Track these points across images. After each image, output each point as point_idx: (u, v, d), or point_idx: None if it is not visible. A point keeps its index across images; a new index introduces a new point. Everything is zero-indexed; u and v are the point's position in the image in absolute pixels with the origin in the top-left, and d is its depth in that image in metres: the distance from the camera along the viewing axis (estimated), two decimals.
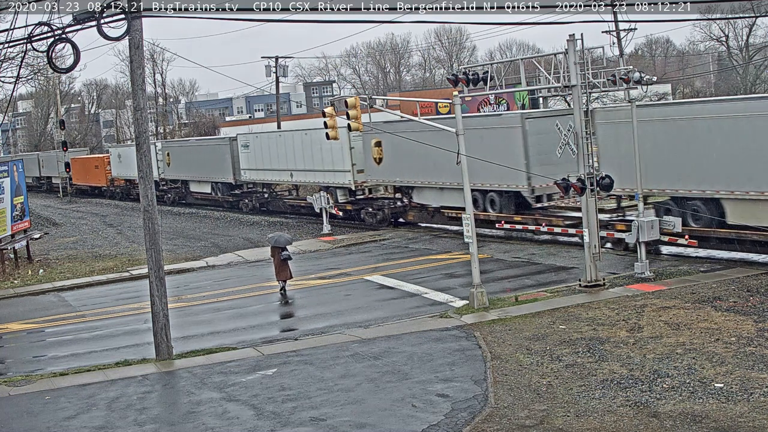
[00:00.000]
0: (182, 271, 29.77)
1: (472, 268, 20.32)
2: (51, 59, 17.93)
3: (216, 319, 21.95)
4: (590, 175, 20.88)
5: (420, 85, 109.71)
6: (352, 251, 31.09)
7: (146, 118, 18.40)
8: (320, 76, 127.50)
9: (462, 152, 20.63)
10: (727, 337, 15.81)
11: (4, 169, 32.76)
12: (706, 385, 13.48)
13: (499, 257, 26.81)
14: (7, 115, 79.33)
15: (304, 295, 24.11)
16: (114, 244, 37.72)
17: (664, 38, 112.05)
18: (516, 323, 18.32)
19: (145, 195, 18.19)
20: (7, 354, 20.50)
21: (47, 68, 33.87)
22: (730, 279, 20.60)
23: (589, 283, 20.93)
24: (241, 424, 13.48)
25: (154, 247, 18.16)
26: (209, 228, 41.43)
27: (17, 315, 24.74)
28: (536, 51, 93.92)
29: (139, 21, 17.47)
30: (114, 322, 22.71)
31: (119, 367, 17.74)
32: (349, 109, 21.62)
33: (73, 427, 14.08)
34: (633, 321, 17.49)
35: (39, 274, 30.80)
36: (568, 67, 20.85)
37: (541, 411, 13.01)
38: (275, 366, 16.60)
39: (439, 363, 15.85)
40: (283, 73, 61.31)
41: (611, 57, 47.93)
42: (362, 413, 13.47)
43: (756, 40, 77.37)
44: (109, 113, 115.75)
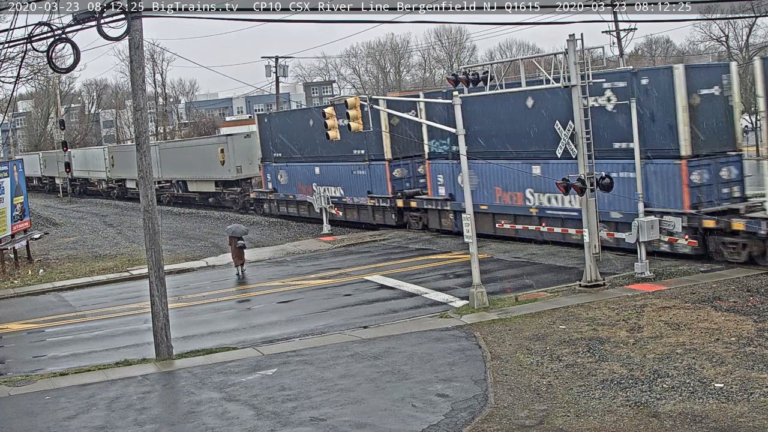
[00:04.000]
0: (182, 271, 29.79)
1: (472, 268, 20.32)
2: (51, 59, 17.93)
3: (216, 319, 21.96)
4: (590, 175, 20.89)
5: (420, 85, 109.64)
6: (352, 251, 31.10)
7: (146, 118, 18.41)
8: (320, 76, 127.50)
9: (462, 152, 20.65)
10: (727, 337, 15.81)
11: (4, 169, 32.78)
12: (706, 385, 13.48)
13: (499, 257, 26.81)
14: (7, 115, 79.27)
15: (305, 295, 24.11)
16: (114, 244, 37.74)
17: (664, 38, 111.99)
18: (516, 323, 18.33)
19: (145, 195, 18.19)
20: (7, 354, 20.50)
21: (47, 68, 33.92)
22: (730, 279, 20.59)
23: (589, 283, 20.93)
24: (241, 424, 13.48)
25: (154, 247, 18.16)
26: (209, 228, 41.46)
27: (17, 315, 24.75)
28: (536, 51, 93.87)
29: (139, 21, 17.47)
30: (114, 322, 22.72)
31: (119, 367, 17.74)
32: (349, 109, 21.69)
33: (73, 427, 14.08)
34: (633, 321, 17.50)
35: (39, 274, 30.81)
36: (568, 67, 20.85)
37: (541, 411, 13.01)
38: (275, 366, 16.60)
39: (439, 363, 15.85)
40: (283, 73, 61.35)
41: (611, 57, 48.02)
42: (362, 413, 13.47)
43: (756, 40, 77.38)
44: (109, 113, 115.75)
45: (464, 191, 20.76)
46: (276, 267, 29.34)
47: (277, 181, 42.06)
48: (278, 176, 41.87)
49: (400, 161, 33.91)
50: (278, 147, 41.49)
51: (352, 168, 35.84)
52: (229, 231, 28.59)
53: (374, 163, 34.49)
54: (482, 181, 28.96)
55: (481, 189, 28.88)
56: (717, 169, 22.98)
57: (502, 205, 28.58)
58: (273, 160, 42.15)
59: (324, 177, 37.72)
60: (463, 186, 20.94)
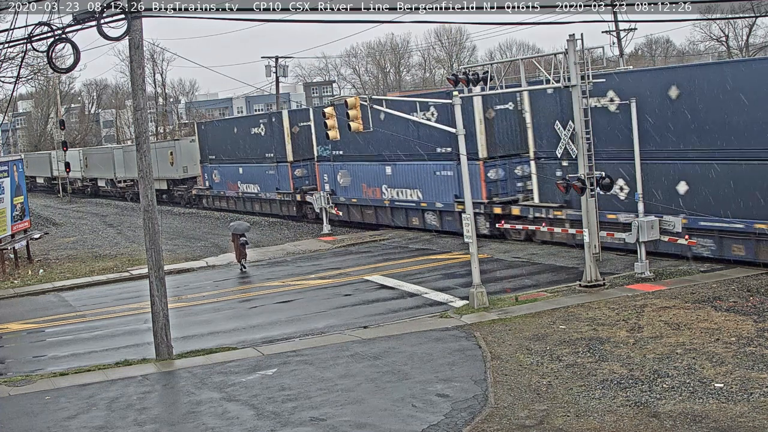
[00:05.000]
0: (182, 271, 29.79)
1: (472, 268, 20.32)
2: (51, 59, 17.94)
3: (216, 319, 21.96)
4: (590, 174, 20.89)
5: (420, 85, 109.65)
6: (352, 251, 31.10)
7: (146, 118, 18.41)
8: (320, 76, 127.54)
9: (462, 152, 20.65)
10: (727, 337, 15.80)
11: (4, 169, 32.77)
12: (706, 385, 13.48)
13: (499, 257, 26.81)
14: (7, 115, 79.27)
15: (305, 295, 24.11)
16: (114, 244, 37.73)
17: (664, 38, 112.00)
18: (516, 323, 18.33)
19: (145, 195, 18.21)
20: (7, 354, 20.50)
21: (47, 68, 33.96)
22: (730, 279, 20.59)
23: (589, 283, 20.93)
24: (241, 424, 13.48)
25: (154, 247, 18.16)
26: (209, 228, 41.47)
27: (17, 315, 24.75)
28: (536, 51, 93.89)
29: (139, 21, 17.47)
30: (114, 322, 22.72)
31: (119, 367, 17.74)
32: (349, 109, 21.70)
33: (73, 427, 14.08)
34: (633, 321, 17.49)
35: (39, 274, 30.81)
36: (568, 67, 20.85)
37: (541, 411, 13.00)
38: (275, 366, 16.60)
39: (439, 363, 15.85)
40: (283, 73, 61.36)
41: (611, 57, 48.00)
42: (362, 413, 13.47)
43: (756, 40, 77.47)
44: (109, 113, 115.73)
45: (464, 193, 20.75)
46: (276, 267, 29.35)
47: (213, 180, 48.76)
48: (213, 175, 48.68)
49: (300, 163, 40.10)
50: (212, 150, 48.52)
51: (265, 168, 42.34)
52: (232, 228, 29.84)
53: (281, 164, 40.94)
54: (353, 179, 35.30)
55: (353, 186, 35.38)
56: (512, 168, 28.77)
57: (367, 198, 34.84)
58: (209, 162, 48.96)
59: (245, 176, 44.74)
60: (463, 186, 20.94)
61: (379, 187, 33.80)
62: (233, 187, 46.28)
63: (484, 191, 28.67)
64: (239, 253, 29.18)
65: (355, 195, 35.35)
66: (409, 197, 32.34)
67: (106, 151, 65.73)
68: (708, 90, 21.21)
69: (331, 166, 36.49)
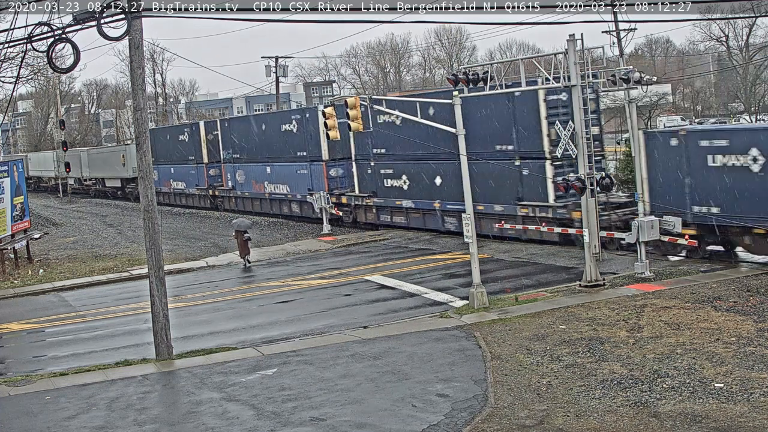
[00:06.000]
0: (182, 271, 29.79)
1: (472, 268, 20.32)
2: (51, 59, 17.93)
3: (216, 319, 21.96)
4: (590, 174, 20.89)
5: (420, 85, 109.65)
6: (352, 251, 31.10)
7: (146, 118, 18.40)
8: (320, 76, 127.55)
9: (462, 153, 20.64)
10: (727, 337, 15.81)
11: (4, 169, 32.77)
12: (706, 385, 13.48)
13: (499, 257, 26.81)
14: (7, 115, 79.29)
15: (305, 295, 24.11)
16: (114, 244, 37.73)
17: (664, 38, 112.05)
18: (516, 323, 18.33)
19: (145, 195, 18.19)
20: (7, 354, 20.50)
21: (47, 68, 33.93)
22: (730, 279, 20.60)
23: (589, 283, 20.93)
24: (241, 424, 13.48)
25: (154, 247, 18.16)
26: (209, 228, 41.47)
27: (17, 315, 24.74)
28: (536, 51, 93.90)
29: (139, 21, 17.47)
30: (114, 322, 22.71)
31: (119, 367, 17.74)
32: (349, 109, 21.68)
33: (73, 427, 14.08)
34: (633, 321, 17.50)
35: (39, 274, 30.80)
36: (568, 67, 20.85)
37: (541, 411, 13.01)
38: (275, 366, 16.60)
39: (439, 363, 15.85)
40: (283, 73, 61.34)
41: (611, 57, 47.92)
42: (362, 413, 13.47)
43: (756, 40, 77.47)
44: (109, 113, 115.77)
45: (464, 192, 20.74)
46: (276, 267, 29.36)
47: (157, 178, 51.82)
48: (156, 174, 51.01)
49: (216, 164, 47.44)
50: (156, 152, 50.95)
51: (189, 168, 50.61)
52: (235, 225, 30.69)
53: (200, 165, 48.59)
54: (247, 176, 44.17)
55: (247, 182, 44.34)
56: (349, 168, 36.58)
57: (256, 192, 43.61)
58: (155, 162, 50.75)
59: (175, 175, 52.61)
60: (463, 186, 20.93)
61: (263, 182, 42.98)
62: (167, 184, 52.56)
63: (327, 185, 37.58)
64: (243, 250, 29.92)
65: (247, 189, 44.71)
66: (281, 191, 41.32)
67: (74, 153, 70.67)
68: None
69: (231, 167, 45.98)
